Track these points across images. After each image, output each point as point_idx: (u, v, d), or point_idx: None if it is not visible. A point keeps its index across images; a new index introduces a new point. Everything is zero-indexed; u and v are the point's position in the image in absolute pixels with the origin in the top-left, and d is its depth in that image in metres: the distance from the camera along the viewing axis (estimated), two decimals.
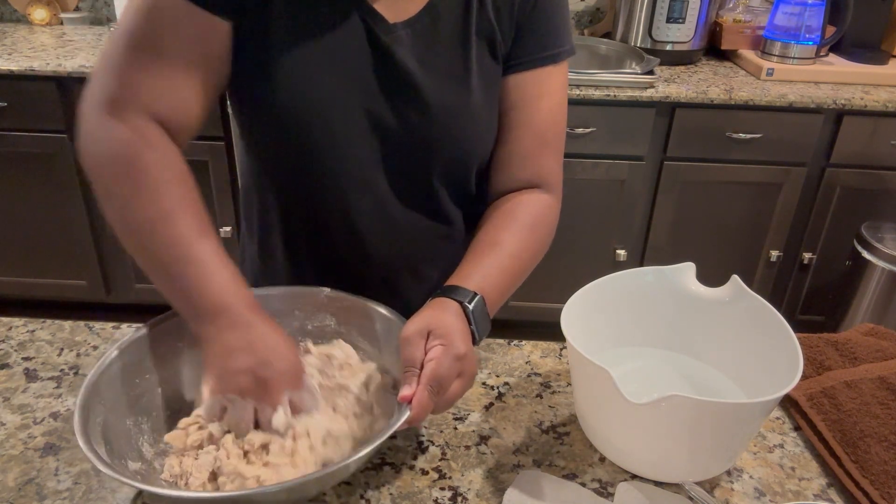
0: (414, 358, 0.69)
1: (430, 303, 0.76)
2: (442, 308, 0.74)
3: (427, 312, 0.73)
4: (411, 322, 0.72)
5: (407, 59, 0.81)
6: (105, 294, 2.44)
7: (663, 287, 0.85)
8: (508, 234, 0.86)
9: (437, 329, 0.70)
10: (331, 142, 0.83)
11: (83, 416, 0.65)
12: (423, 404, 0.66)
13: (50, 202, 2.27)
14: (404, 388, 0.67)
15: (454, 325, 0.71)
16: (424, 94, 0.82)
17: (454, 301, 0.75)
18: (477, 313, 0.75)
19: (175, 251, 0.71)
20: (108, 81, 0.75)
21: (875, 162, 2.16)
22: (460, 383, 0.70)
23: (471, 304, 0.75)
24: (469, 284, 0.77)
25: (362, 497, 0.71)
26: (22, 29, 2.54)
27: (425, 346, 0.70)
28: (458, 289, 0.77)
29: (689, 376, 0.84)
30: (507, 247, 0.84)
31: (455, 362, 0.69)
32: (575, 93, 2.03)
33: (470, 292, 0.76)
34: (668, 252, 2.31)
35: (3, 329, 0.95)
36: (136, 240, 0.73)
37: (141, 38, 0.74)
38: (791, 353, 0.71)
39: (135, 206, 0.72)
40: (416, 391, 0.67)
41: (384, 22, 0.80)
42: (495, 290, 0.80)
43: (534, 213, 0.89)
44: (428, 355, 0.69)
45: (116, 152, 0.73)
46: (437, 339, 0.70)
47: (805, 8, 2.20)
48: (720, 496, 0.73)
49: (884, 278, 2.06)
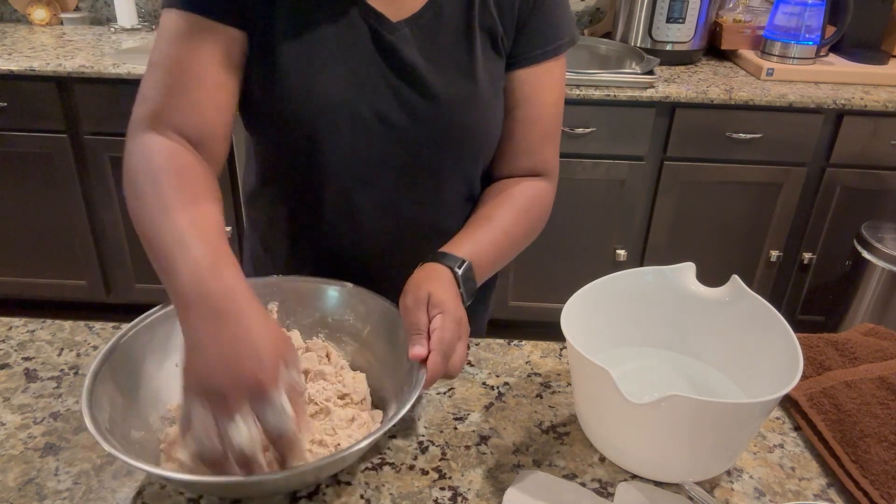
0: (419, 322, 0.73)
1: (421, 267, 0.80)
2: (434, 275, 0.78)
3: (422, 280, 0.77)
4: (408, 290, 0.77)
5: (412, 55, 0.82)
6: (105, 294, 2.44)
7: (663, 287, 0.85)
8: (503, 210, 0.90)
9: (434, 297, 0.74)
10: (339, 142, 0.84)
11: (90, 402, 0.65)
12: (438, 367, 0.70)
13: (50, 202, 2.27)
14: (415, 347, 0.71)
15: (449, 292, 0.76)
16: (432, 88, 0.83)
17: (445, 266, 0.80)
18: (465, 278, 0.80)
19: (165, 237, 0.68)
20: (139, 105, 0.79)
21: (875, 162, 2.16)
22: (462, 345, 0.74)
23: (460, 270, 0.80)
24: (459, 252, 0.82)
25: (362, 497, 0.71)
26: (22, 29, 2.54)
27: (427, 313, 0.74)
28: (448, 255, 0.82)
29: (689, 376, 0.84)
30: (501, 223, 0.89)
31: (456, 326, 0.73)
32: (575, 93, 2.03)
33: (459, 258, 0.81)
34: (668, 252, 2.31)
35: (3, 329, 0.95)
36: (142, 235, 0.72)
37: (168, 62, 0.78)
38: (791, 353, 0.71)
39: (146, 200, 0.72)
40: (429, 356, 0.70)
41: (387, 21, 0.81)
42: (484, 261, 0.85)
43: (530, 195, 0.93)
44: (432, 324, 0.73)
45: (144, 158, 0.76)
46: (436, 308, 0.74)
47: (805, 8, 2.20)
48: (720, 496, 0.73)
49: (884, 278, 2.06)
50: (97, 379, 0.68)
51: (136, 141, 0.77)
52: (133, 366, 0.74)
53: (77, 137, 2.19)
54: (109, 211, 2.29)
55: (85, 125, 2.17)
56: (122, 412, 0.70)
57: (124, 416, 0.71)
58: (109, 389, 0.70)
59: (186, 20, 0.78)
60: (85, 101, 2.13)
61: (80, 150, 2.21)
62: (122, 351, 0.73)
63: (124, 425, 0.70)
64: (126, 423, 0.70)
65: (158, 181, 0.73)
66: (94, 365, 0.69)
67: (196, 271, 0.63)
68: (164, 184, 0.72)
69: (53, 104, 2.13)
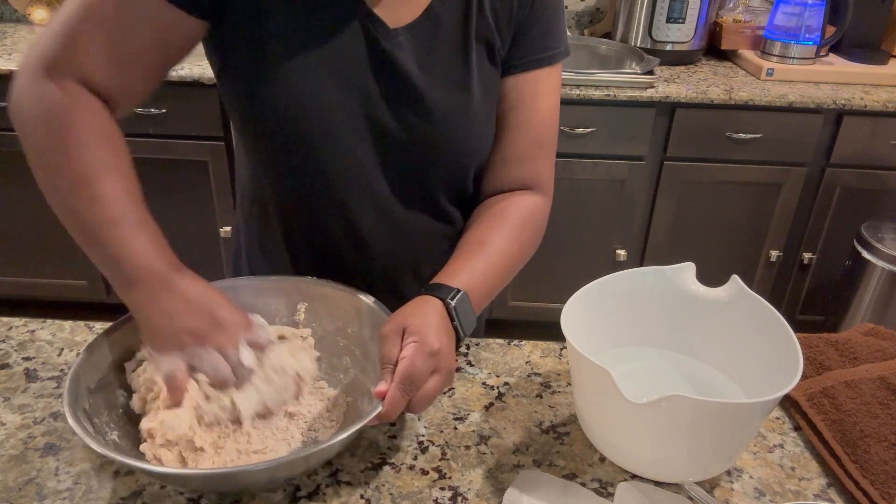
0: (390, 355, 0.70)
1: (412, 301, 0.76)
2: (420, 305, 0.75)
3: (405, 310, 0.74)
4: (389, 320, 0.74)
5: (408, 63, 0.81)
6: (105, 294, 2.44)
7: (663, 287, 0.85)
8: (497, 233, 0.86)
9: (411, 326, 0.71)
10: (332, 148, 0.83)
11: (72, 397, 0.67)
12: (394, 402, 0.67)
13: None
14: (380, 384, 0.69)
15: (429, 322, 0.72)
16: (426, 98, 0.82)
17: (435, 298, 0.75)
18: (461, 309, 0.76)
19: (99, 214, 0.70)
20: (52, 43, 0.72)
21: (875, 162, 2.16)
22: (436, 380, 0.70)
23: (453, 301, 0.75)
24: (454, 282, 0.78)
25: (362, 497, 0.71)
26: (22, 29, 2.54)
27: (401, 344, 0.70)
28: (442, 286, 0.77)
29: (689, 376, 0.84)
30: (495, 246, 0.85)
31: (428, 359, 0.69)
32: (575, 93, 2.03)
33: (453, 289, 0.77)
34: (668, 252, 2.31)
35: (3, 329, 0.95)
36: (60, 201, 0.72)
37: (100, 10, 0.71)
38: (791, 353, 0.71)
39: (61, 165, 0.71)
40: (390, 389, 0.67)
41: (385, 27, 0.79)
42: (482, 289, 0.81)
43: (524, 213, 0.89)
44: (402, 353, 0.69)
45: (47, 111, 0.72)
46: (410, 337, 0.70)
47: (805, 8, 2.20)
48: (720, 496, 0.73)
49: (884, 278, 2.06)
50: (78, 381, 0.69)
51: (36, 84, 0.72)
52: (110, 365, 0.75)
53: None
54: None
55: None
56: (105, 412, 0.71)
57: (108, 417, 0.71)
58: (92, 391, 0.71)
59: None
60: None
61: None
62: (100, 351, 0.74)
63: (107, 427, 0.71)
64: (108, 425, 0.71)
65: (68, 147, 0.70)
66: (73, 368, 0.70)
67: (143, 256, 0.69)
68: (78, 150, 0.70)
69: None
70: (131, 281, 0.69)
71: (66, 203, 0.71)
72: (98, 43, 0.72)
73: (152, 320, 0.69)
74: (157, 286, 0.69)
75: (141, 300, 0.69)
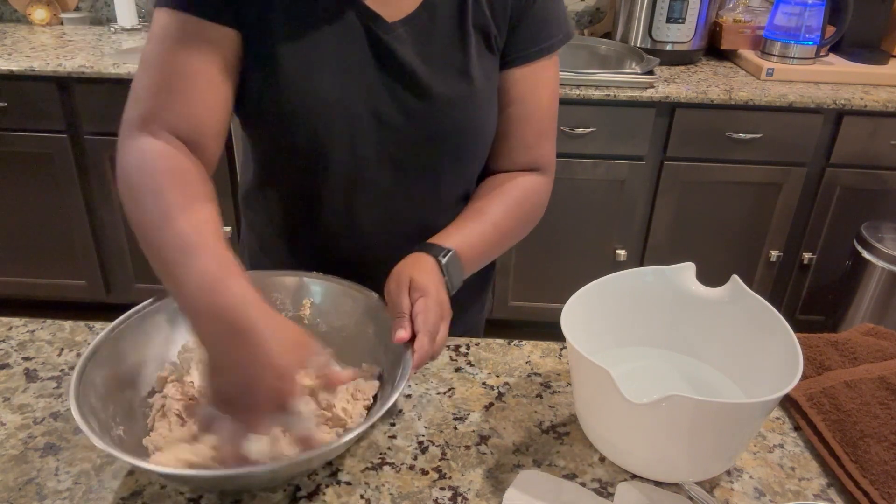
0: (402, 304, 0.75)
1: (407, 258, 0.82)
2: (418, 261, 0.81)
3: (404, 268, 0.80)
4: (391, 277, 0.79)
5: (408, 55, 0.82)
6: (105, 294, 2.44)
7: (663, 287, 0.85)
8: (495, 204, 0.91)
9: (416, 280, 0.77)
10: (336, 142, 0.84)
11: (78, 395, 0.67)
12: (425, 349, 0.72)
13: (50, 202, 2.27)
14: (398, 331, 0.73)
15: (431, 278, 0.78)
16: (428, 88, 0.83)
17: (429, 255, 0.82)
18: (451, 266, 0.82)
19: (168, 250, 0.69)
20: (131, 106, 0.79)
21: (875, 162, 2.16)
22: (444, 326, 0.76)
23: (444, 259, 0.82)
24: (446, 243, 0.84)
25: (362, 497, 0.71)
26: (22, 29, 2.54)
27: (409, 297, 0.76)
28: (434, 245, 0.83)
29: (689, 376, 0.84)
30: (491, 215, 0.90)
31: (438, 308, 0.76)
32: (575, 93, 2.03)
33: (444, 248, 0.83)
34: (668, 252, 2.31)
35: (3, 329, 0.95)
36: (143, 241, 0.72)
37: (160, 62, 0.78)
38: (791, 353, 0.71)
39: (144, 207, 0.72)
40: (417, 338, 0.72)
41: (383, 21, 0.81)
42: (473, 251, 0.87)
43: (524, 188, 0.94)
44: (415, 308, 0.75)
45: (139, 161, 0.76)
46: (417, 292, 0.76)
47: (805, 8, 2.20)
48: (720, 496, 0.73)
49: (884, 278, 2.06)
50: (83, 379, 0.69)
51: (130, 143, 0.77)
52: (117, 363, 0.75)
53: (77, 137, 2.19)
54: (109, 211, 2.29)
55: (85, 125, 2.17)
56: (111, 410, 0.71)
57: (113, 413, 0.72)
58: (97, 388, 0.71)
59: (178, 19, 0.77)
60: (85, 101, 2.13)
61: (80, 150, 2.21)
62: (106, 349, 0.74)
63: (112, 423, 0.71)
64: (114, 419, 0.71)
65: (156, 186, 0.72)
66: (79, 365, 0.70)
67: (203, 283, 0.64)
68: (162, 188, 0.72)
69: (53, 104, 2.13)
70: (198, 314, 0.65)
71: (147, 241, 0.71)
72: (169, 92, 0.77)
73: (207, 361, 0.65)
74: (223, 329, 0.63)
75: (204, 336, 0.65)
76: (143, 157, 0.75)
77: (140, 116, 0.78)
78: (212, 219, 0.71)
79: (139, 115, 0.78)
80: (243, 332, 0.61)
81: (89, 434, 0.62)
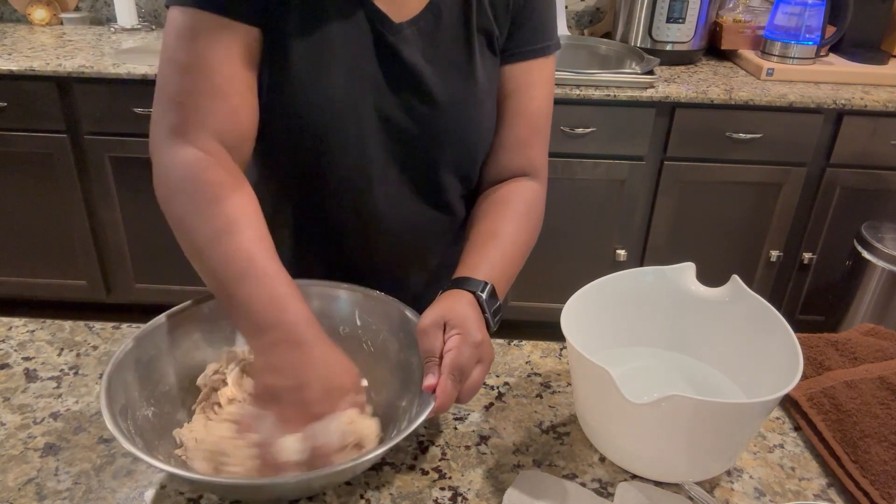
0: (433, 348, 0.71)
1: (442, 295, 0.78)
2: (455, 299, 0.76)
3: (441, 304, 0.75)
4: (427, 314, 0.74)
5: (413, 56, 0.83)
6: (105, 294, 2.44)
7: (663, 287, 0.85)
8: (506, 223, 0.89)
9: (452, 319, 0.72)
10: (344, 142, 0.85)
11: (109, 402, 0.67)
12: (448, 392, 0.68)
13: (50, 202, 2.27)
14: (427, 377, 0.70)
15: (469, 315, 0.74)
16: (432, 89, 0.84)
17: (467, 291, 0.78)
18: (490, 301, 0.78)
19: (231, 268, 0.70)
20: (167, 111, 0.77)
21: (875, 162, 2.16)
22: (480, 369, 0.72)
23: (483, 293, 0.78)
24: (478, 275, 0.80)
25: (362, 497, 0.71)
26: (22, 29, 2.54)
27: (443, 337, 0.72)
28: (469, 279, 0.79)
29: (689, 376, 0.84)
30: (507, 236, 0.88)
31: (474, 349, 0.71)
32: (575, 93, 2.03)
33: (481, 282, 0.79)
34: (668, 252, 2.30)
35: (3, 329, 0.95)
36: (198, 257, 0.73)
37: (187, 62, 0.75)
38: (791, 353, 0.71)
39: (196, 223, 0.73)
40: (439, 381, 0.69)
41: (390, 22, 0.82)
42: (501, 278, 0.83)
43: (526, 200, 0.93)
44: (447, 346, 0.71)
45: (183, 174, 0.75)
46: (453, 329, 0.72)
47: (805, 8, 2.20)
48: (720, 496, 0.73)
49: (884, 278, 2.06)
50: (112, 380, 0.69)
51: (168, 153, 0.75)
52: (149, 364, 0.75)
53: (77, 137, 2.19)
54: (109, 211, 2.29)
55: (85, 125, 2.17)
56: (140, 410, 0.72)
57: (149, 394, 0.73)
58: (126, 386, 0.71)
59: (202, 19, 0.75)
60: (85, 101, 2.13)
61: (80, 150, 2.21)
62: (139, 349, 0.74)
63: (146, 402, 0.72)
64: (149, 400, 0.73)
65: (207, 200, 0.72)
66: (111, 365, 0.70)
67: (267, 306, 0.68)
68: (215, 203, 0.72)
69: (53, 104, 2.13)
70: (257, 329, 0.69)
71: (202, 258, 0.72)
72: (201, 92, 0.76)
73: (259, 367, 0.70)
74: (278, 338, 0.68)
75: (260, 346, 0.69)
76: (188, 169, 0.74)
77: (178, 123, 0.75)
78: (266, 235, 0.74)
79: (177, 122, 0.76)
80: (302, 344, 0.67)
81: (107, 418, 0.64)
